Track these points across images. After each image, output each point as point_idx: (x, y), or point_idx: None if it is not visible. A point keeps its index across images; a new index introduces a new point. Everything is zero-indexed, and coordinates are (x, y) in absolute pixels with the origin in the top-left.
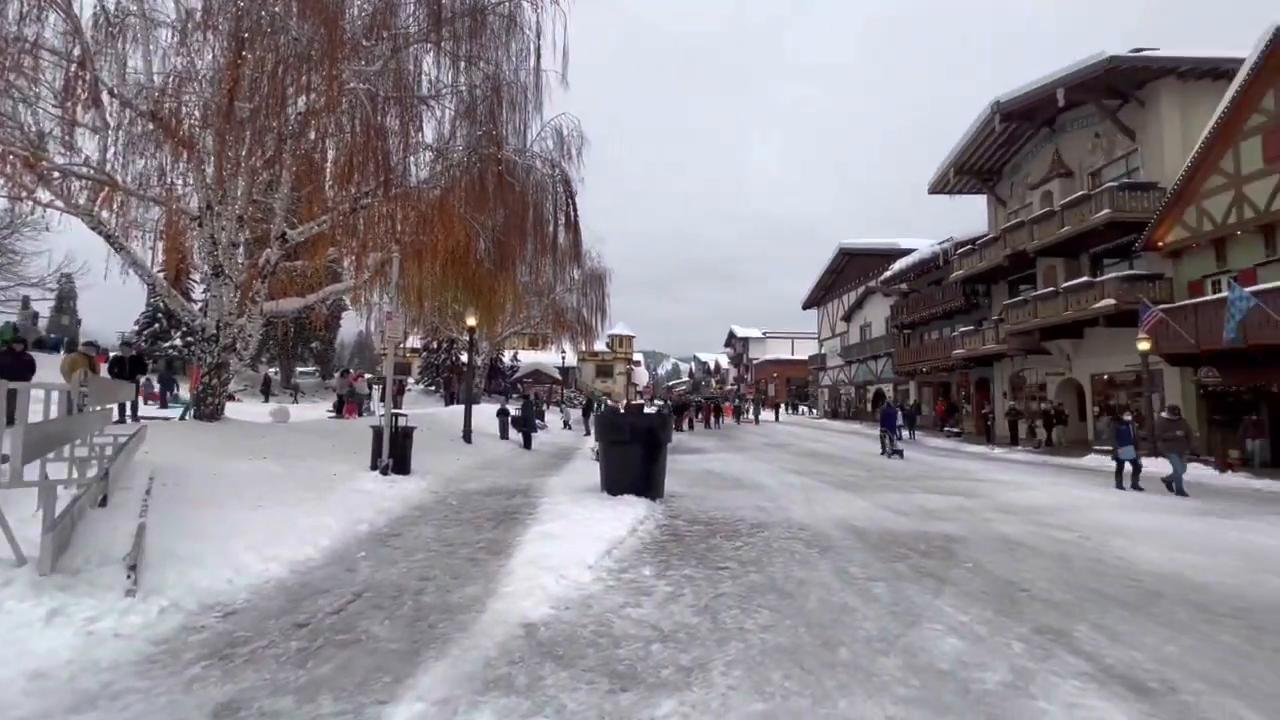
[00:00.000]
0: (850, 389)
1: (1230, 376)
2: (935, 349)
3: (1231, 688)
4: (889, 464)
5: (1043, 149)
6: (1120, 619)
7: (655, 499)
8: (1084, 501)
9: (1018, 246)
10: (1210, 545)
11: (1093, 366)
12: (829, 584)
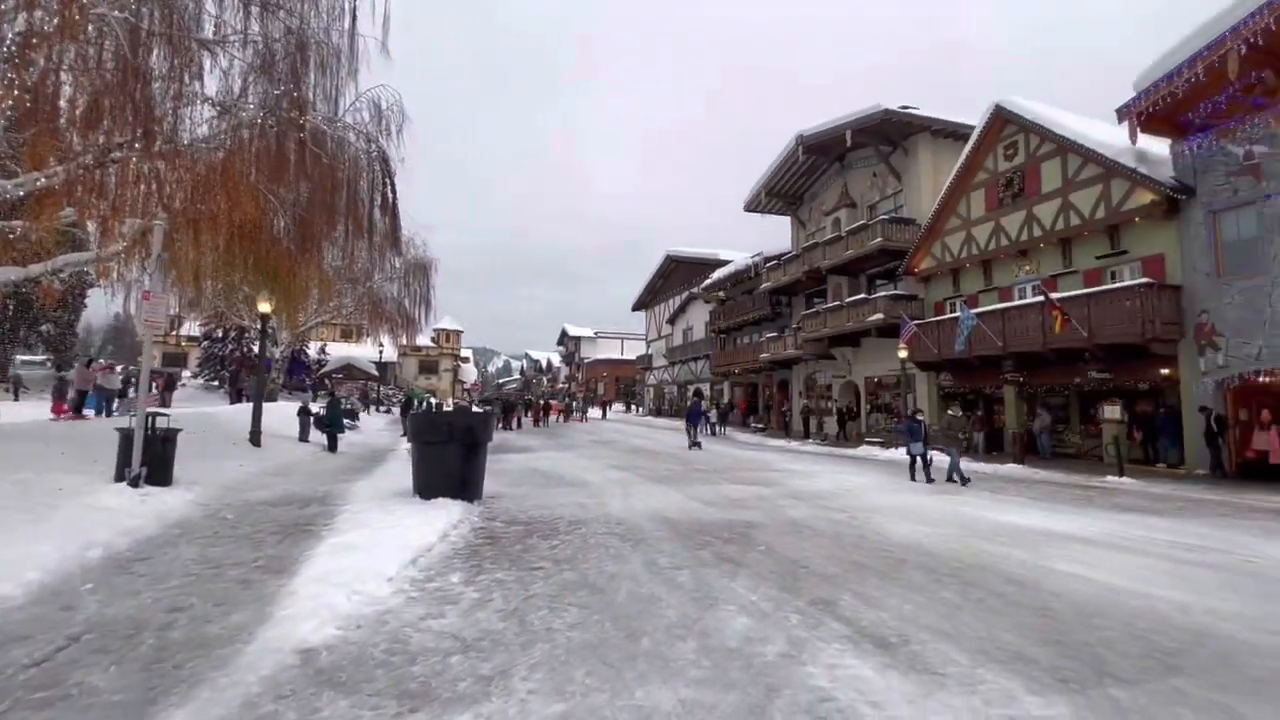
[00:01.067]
0: (674, 388)
1: (960, 380)
2: (746, 352)
3: (947, 635)
4: (702, 457)
5: (835, 181)
6: (875, 586)
7: (473, 501)
8: (857, 486)
9: (813, 264)
10: (942, 519)
11: (867, 370)
12: (638, 576)
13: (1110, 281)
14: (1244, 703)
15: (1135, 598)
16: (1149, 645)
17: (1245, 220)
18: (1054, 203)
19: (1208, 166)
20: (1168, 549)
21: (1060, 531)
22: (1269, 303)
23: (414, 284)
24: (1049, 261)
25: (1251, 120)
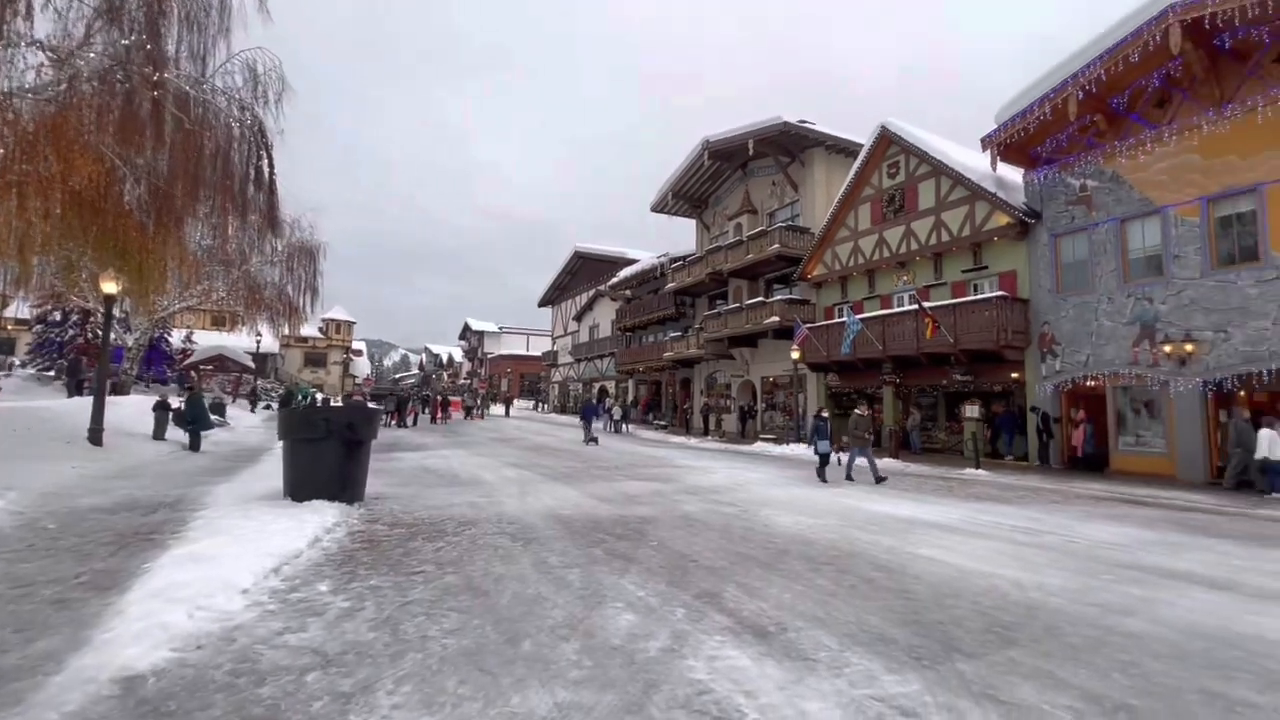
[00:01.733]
0: (579, 385)
1: (845, 380)
2: (651, 351)
3: (820, 621)
4: (603, 455)
5: (738, 187)
6: (758, 576)
7: (353, 502)
8: (750, 481)
9: (716, 267)
10: (824, 510)
11: (763, 370)
12: (526, 576)
13: (973, 293)
14: (1063, 667)
15: (982, 578)
16: (991, 620)
17: (1079, 244)
18: (929, 219)
19: (1051, 195)
20: (1010, 533)
21: (924, 519)
22: (1095, 317)
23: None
24: (923, 273)
25: (1086, 157)
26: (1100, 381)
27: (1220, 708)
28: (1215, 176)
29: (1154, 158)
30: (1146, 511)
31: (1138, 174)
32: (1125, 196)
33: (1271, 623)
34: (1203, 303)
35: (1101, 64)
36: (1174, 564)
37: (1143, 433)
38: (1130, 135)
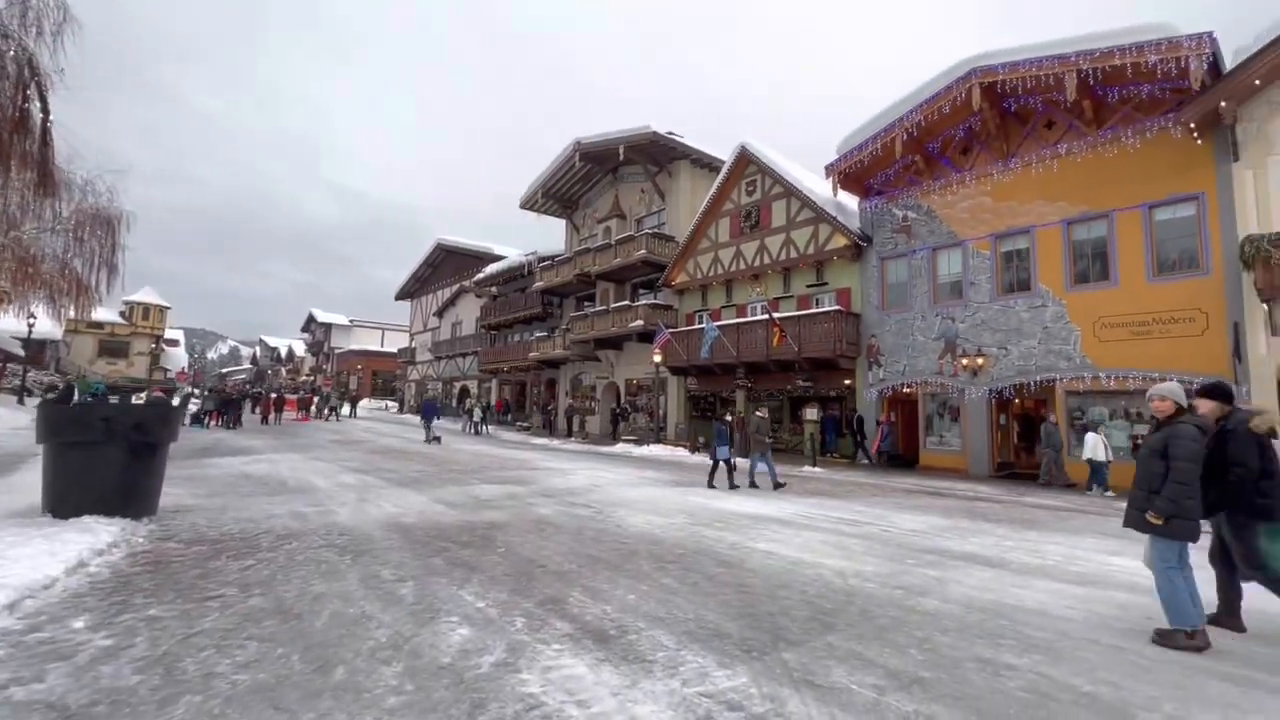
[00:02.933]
0: (438, 385)
1: (704, 384)
2: (516, 351)
3: (661, 620)
4: (457, 457)
5: (608, 191)
6: (605, 579)
7: (141, 517)
8: (608, 481)
9: (584, 269)
10: (675, 509)
11: (628, 372)
12: (351, 594)
13: (815, 307)
14: (870, 648)
15: (810, 568)
16: (815, 609)
17: (901, 268)
18: (780, 236)
19: (880, 223)
20: (837, 524)
21: (765, 515)
22: (912, 332)
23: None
24: (774, 286)
25: (907, 191)
26: (914, 389)
27: (989, 673)
28: (1002, 218)
29: (958, 197)
30: (945, 502)
31: (946, 210)
32: (936, 229)
33: (1030, 594)
34: (991, 323)
35: (920, 112)
36: (962, 547)
37: (944, 433)
38: (941, 176)
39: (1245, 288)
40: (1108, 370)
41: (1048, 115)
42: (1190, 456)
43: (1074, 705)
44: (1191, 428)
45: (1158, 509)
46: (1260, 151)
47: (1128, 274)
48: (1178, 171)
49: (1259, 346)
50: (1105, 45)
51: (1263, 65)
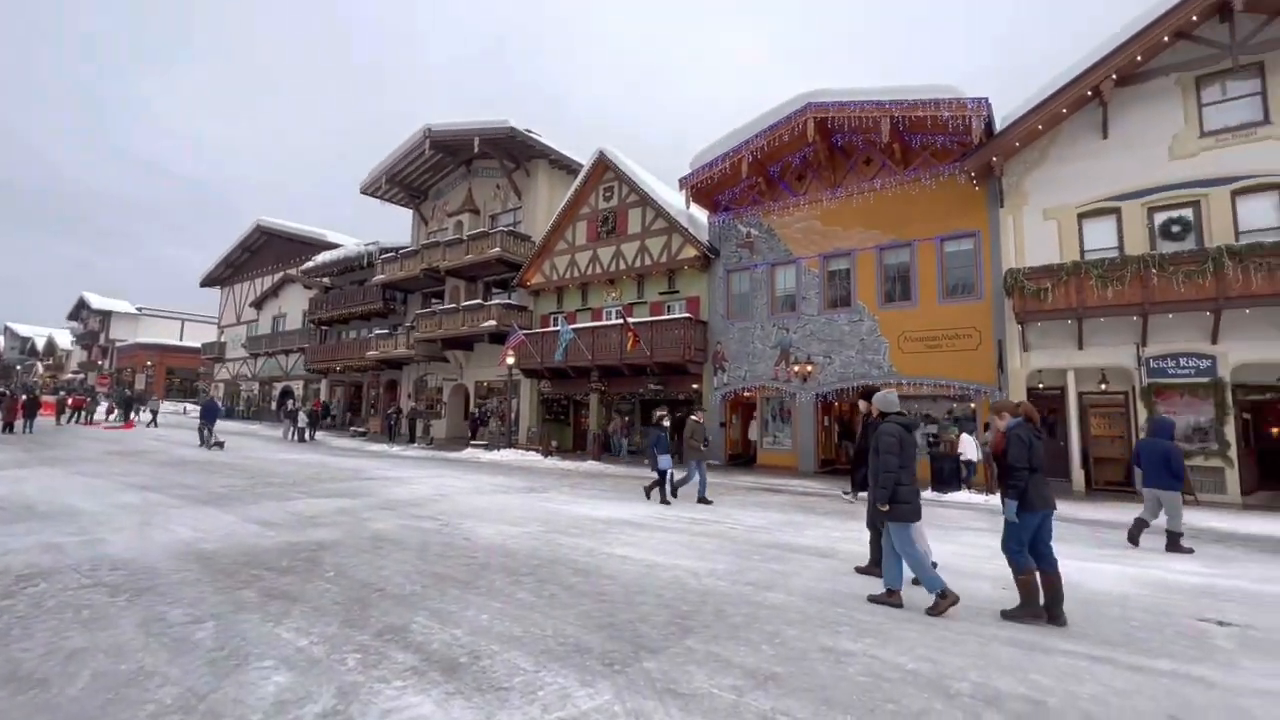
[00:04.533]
0: (254, 385)
1: (558, 387)
2: (352, 349)
3: (517, 640)
4: (278, 469)
5: (461, 184)
6: (454, 599)
7: None
8: (457, 490)
9: (433, 263)
10: (527, 516)
11: (478, 374)
12: (124, 646)
13: (667, 313)
14: (727, 648)
15: (666, 570)
16: (673, 612)
17: (744, 280)
18: (636, 243)
19: (727, 237)
20: (689, 524)
21: (621, 518)
22: (753, 340)
23: None
24: (629, 291)
25: (751, 210)
26: (754, 393)
27: (832, 661)
28: (829, 240)
29: (794, 219)
30: (780, 498)
31: (784, 229)
32: (775, 246)
33: (859, 582)
34: (818, 334)
35: (764, 138)
36: (799, 540)
37: (778, 434)
38: (780, 199)
39: (1007, 311)
40: (909, 377)
41: (867, 153)
42: (890, 449)
43: (901, 683)
44: (893, 426)
45: (879, 499)
46: (1018, 201)
47: (925, 296)
48: (962, 211)
49: (1015, 360)
50: (912, 98)
51: (1019, 131)
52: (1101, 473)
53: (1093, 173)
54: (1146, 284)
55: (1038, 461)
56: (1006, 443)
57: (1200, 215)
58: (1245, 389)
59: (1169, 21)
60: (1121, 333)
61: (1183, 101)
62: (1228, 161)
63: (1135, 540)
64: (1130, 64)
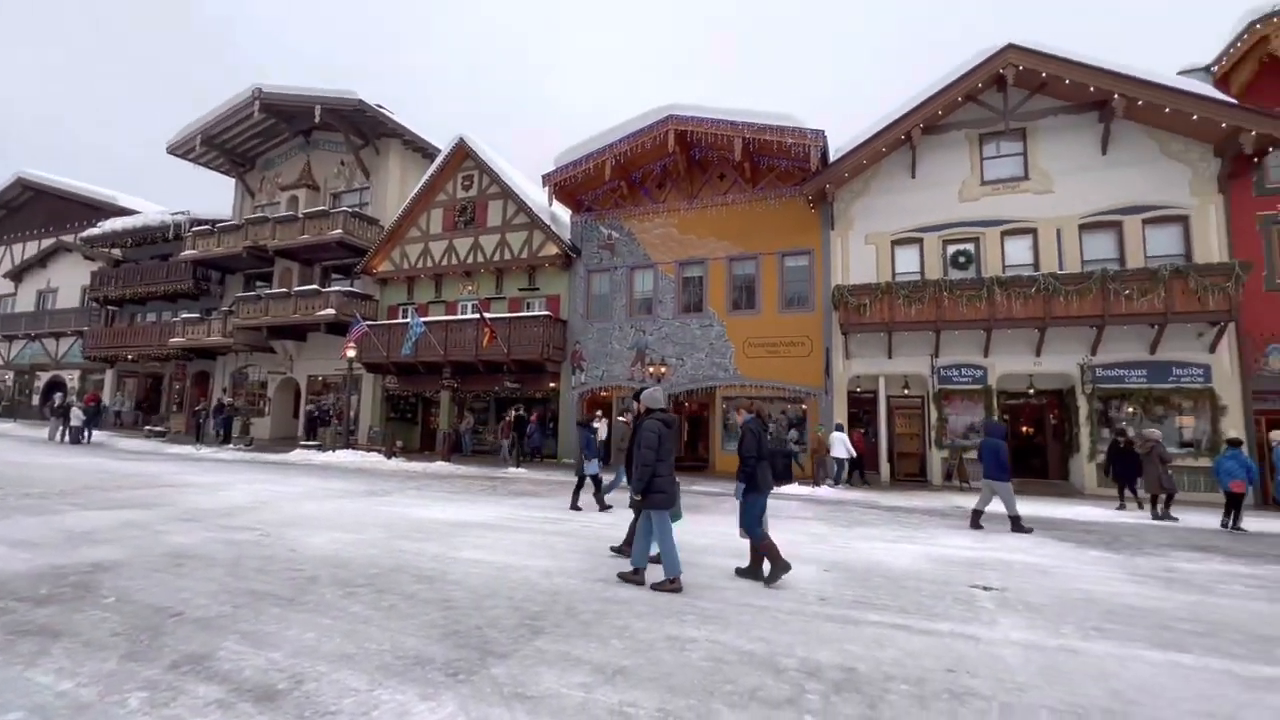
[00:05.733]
0: (8, 374)
1: (405, 384)
2: (150, 334)
3: (349, 658)
4: (40, 476)
5: (298, 155)
6: (273, 618)
7: None
8: (280, 496)
9: (260, 241)
10: (366, 522)
11: (311, 368)
12: None
13: (526, 310)
14: (577, 646)
15: (517, 571)
16: (524, 614)
17: (604, 281)
18: (495, 237)
19: (589, 237)
20: (541, 524)
21: (470, 520)
22: (611, 341)
23: None
24: (486, 285)
25: (613, 213)
26: (610, 392)
27: (677, 649)
28: (685, 248)
29: (653, 225)
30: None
31: (643, 235)
32: (635, 250)
33: (700, 572)
34: (673, 337)
35: (627, 143)
36: None
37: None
38: (641, 204)
39: (834, 323)
40: (752, 380)
41: (721, 168)
42: (649, 444)
43: (739, 664)
44: (653, 422)
45: (634, 488)
46: (845, 225)
47: (767, 305)
48: (800, 230)
49: (839, 366)
50: (760, 122)
51: (847, 164)
52: (903, 466)
53: (903, 206)
54: (940, 305)
55: (765, 451)
56: (741, 435)
57: (980, 250)
58: (1006, 394)
59: (962, 86)
60: (920, 345)
61: (970, 153)
62: (999, 207)
63: (977, 524)
64: (934, 116)
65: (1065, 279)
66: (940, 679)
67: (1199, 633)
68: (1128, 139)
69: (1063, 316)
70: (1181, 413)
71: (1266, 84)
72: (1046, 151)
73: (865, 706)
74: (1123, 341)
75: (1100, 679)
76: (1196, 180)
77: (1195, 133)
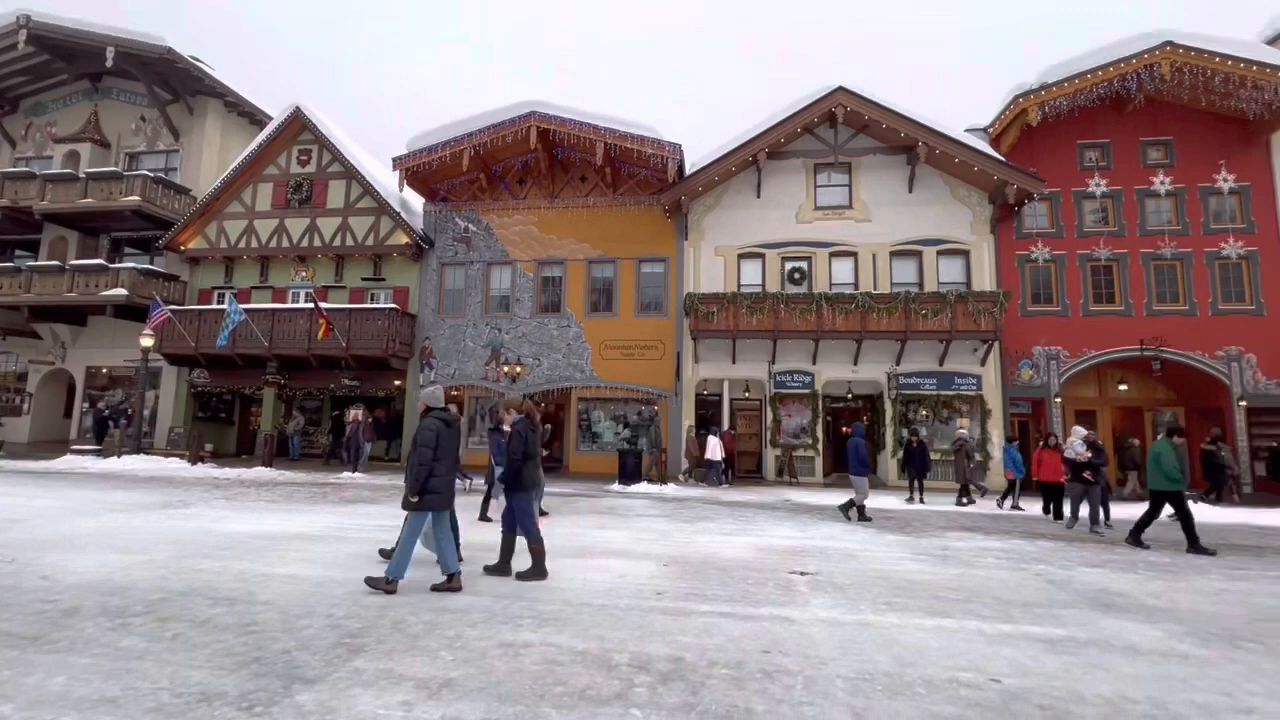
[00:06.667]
0: None
1: (219, 379)
2: None
3: (110, 702)
4: None
5: (81, 104)
6: (8, 661)
7: None
8: (34, 512)
9: (22, 200)
10: (154, 539)
11: (92, 358)
12: None
13: (370, 302)
14: (401, 662)
15: (340, 586)
16: (343, 632)
17: (459, 276)
18: (336, 220)
19: (443, 228)
20: (375, 533)
21: (289, 532)
22: (464, 338)
23: None
24: (324, 273)
25: (471, 205)
26: (462, 392)
27: (510, 656)
28: (545, 247)
29: (513, 221)
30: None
31: (502, 230)
32: (493, 246)
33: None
34: (529, 337)
35: (487, 134)
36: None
37: (483, 435)
38: (501, 199)
39: (685, 329)
40: (607, 381)
41: (583, 170)
42: (426, 443)
43: (572, 664)
44: (433, 420)
45: (409, 489)
46: (697, 237)
47: (624, 309)
48: (657, 238)
49: (688, 369)
50: (622, 129)
51: (701, 179)
52: (742, 463)
53: (749, 223)
54: (778, 316)
55: (533, 451)
56: (510, 435)
57: (812, 268)
58: (830, 399)
59: (800, 119)
60: (760, 352)
61: (806, 180)
62: (828, 231)
63: (847, 516)
64: (777, 143)
65: (878, 298)
66: (757, 660)
67: (960, 600)
68: (928, 181)
69: (875, 331)
70: (961, 415)
71: (1026, 147)
72: (867, 185)
73: (688, 694)
74: (919, 354)
75: (885, 647)
76: (976, 221)
77: (976, 181)
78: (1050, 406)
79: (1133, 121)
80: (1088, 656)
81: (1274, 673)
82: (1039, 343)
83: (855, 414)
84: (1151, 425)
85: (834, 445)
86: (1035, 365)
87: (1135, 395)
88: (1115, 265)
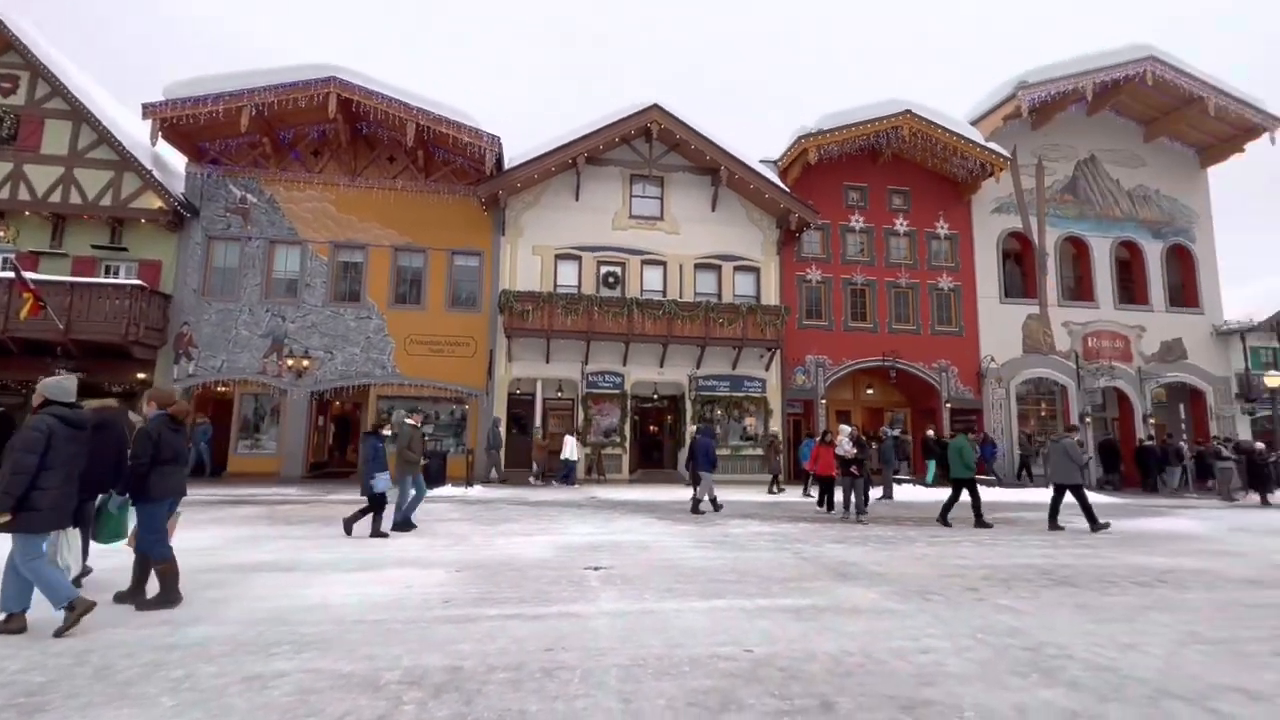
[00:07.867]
0: None
1: None
2: None
3: None
4: None
5: None
6: None
7: None
8: None
9: None
10: None
11: None
12: None
13: (105, 275)
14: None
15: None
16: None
17: (232, 252)
18: (56, 169)
19: (213, 195)
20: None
21: None
22: (236, 325)
23: None
24: (35, 234)
25: (251, 172)
26: (231, 387)
27: (257, 688)
28: (343, 229)
29: (304, 196)
30: (247, 510)
31: (290, 205)
32: (278, 221)
33: (314, 591)
34: (321, 327)
35: (274, 94)
36: (255, 557)
37: (261, 436)
38: (289, 170)
39: (499, 326)
40: (413, 379)
41: (392, 150)
42: (29, 446)
43: (332, 690)
44: (47, 418)
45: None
46: (515, 233)
47: (433, 302)
48: (472, 230)
49: (501, 368)
50: (436, 112)
51: (519, 176)
52: (551, 463)
53: (567, 224)
54: (591, 317)
55: (169, 454)
56: (137, 434)
57: (626, 273)
58: (638, 399)
59: (618, 129)
60: (574, 352)
61: (623, 189)
62: (641, 240)
63: (696, 511)
64: (596, 150)
65: (683, 306)
66: (538, 660)
67: (731, 581)
68: (728, 202)
69: (680, 336)
70: (749, 415)
71: (806, 182)
72: (677, 200)
73: (462, 704)
74: (716, 359)
75: (661, 631)
76: (765, 242)
77: (767, 207)
78: (818, 407)
79: (883, 171)
80: (823, 621)
81: (949, 619)
82: (811, 352)
83: (661, 414)
84: (889, 423)
85: (640, 444)
86: (807, 371)
87: (878, 398)
88: (867, 290)
